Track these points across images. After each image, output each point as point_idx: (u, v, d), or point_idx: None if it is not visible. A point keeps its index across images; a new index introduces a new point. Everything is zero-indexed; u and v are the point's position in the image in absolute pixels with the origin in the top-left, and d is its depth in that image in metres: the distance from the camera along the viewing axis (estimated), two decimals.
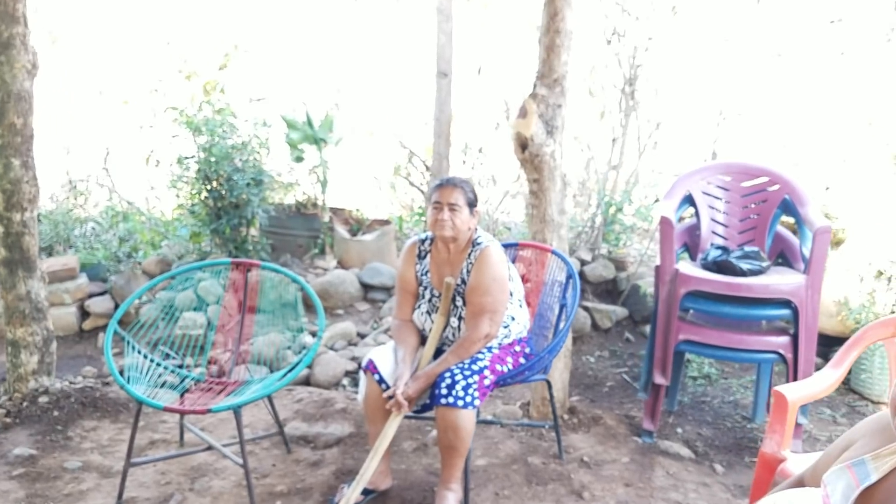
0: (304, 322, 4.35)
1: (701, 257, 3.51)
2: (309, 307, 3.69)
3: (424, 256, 2.90)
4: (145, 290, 3.12)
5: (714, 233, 3.69)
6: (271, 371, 4.06)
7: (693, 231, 3.72)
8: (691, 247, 3.72)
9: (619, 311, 4.92)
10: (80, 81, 6.75)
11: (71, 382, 3.82)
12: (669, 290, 3.28)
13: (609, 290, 5.13)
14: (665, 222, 3.30)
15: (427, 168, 6.19)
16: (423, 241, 2.92)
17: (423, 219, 5.84)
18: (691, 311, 3.46)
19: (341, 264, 5.37)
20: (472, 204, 2.75)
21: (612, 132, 5.37)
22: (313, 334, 4.42)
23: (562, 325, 3.01)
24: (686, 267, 3.36)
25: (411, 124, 6.56)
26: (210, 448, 2.92)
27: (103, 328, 4.75)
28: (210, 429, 3.44)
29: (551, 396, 3.14)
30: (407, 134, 6.38)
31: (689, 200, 3.69)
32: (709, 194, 3.72)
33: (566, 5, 3.09)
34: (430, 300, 2.85)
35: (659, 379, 3.33)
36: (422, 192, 6.20)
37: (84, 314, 4.86)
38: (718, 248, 3.47)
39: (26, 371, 3.50)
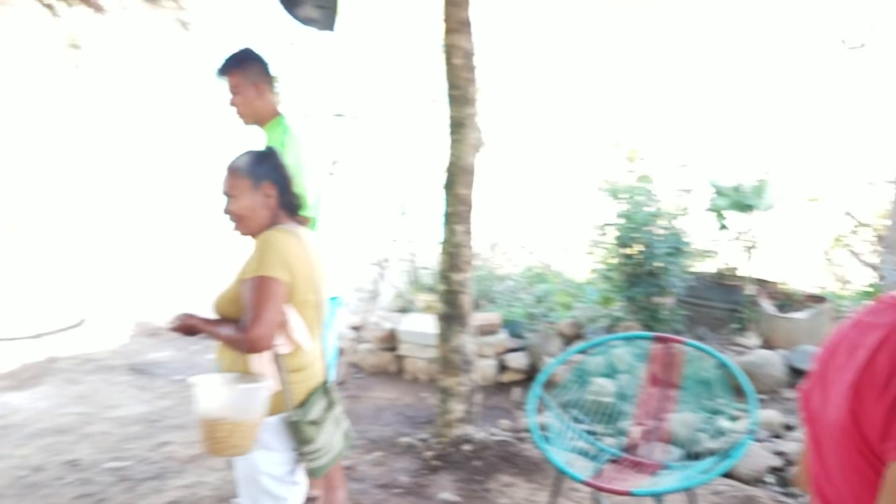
0: (724, 404, 3.94)
1: None
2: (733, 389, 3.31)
3: None
4: (568, 356, 3.13)
5: None
6: (686, 453, 3.75)
7: None
8: None
9: None
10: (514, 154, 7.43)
11: (491, 434, 4.02)
12: None
13: None
14: None
15: (879, 239, 5.23)
16: None
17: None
18: None
19: (766, 343, 4.79)
20: None
21: None
22: (731, 419, 3.97)
23: None
24: None
25: (861, 189, 5.64)
26: None
27: (518, 383, 4.98)
28: None
29: None
30: (856, 200, 5.49)
31: None
32: None
33: None
34: None
35: None
36: (872, 267, 5.25)
37: (501, 367, 5.16)
38: None
39: (453, 418, 3.79)
